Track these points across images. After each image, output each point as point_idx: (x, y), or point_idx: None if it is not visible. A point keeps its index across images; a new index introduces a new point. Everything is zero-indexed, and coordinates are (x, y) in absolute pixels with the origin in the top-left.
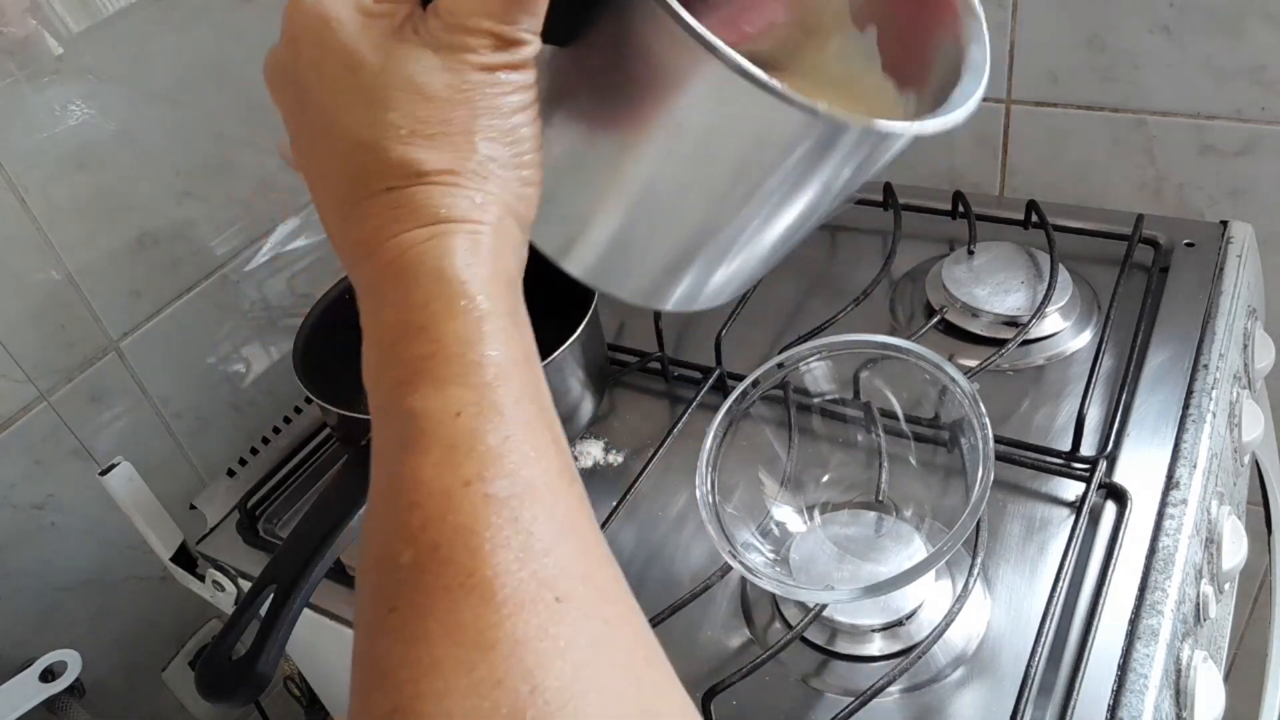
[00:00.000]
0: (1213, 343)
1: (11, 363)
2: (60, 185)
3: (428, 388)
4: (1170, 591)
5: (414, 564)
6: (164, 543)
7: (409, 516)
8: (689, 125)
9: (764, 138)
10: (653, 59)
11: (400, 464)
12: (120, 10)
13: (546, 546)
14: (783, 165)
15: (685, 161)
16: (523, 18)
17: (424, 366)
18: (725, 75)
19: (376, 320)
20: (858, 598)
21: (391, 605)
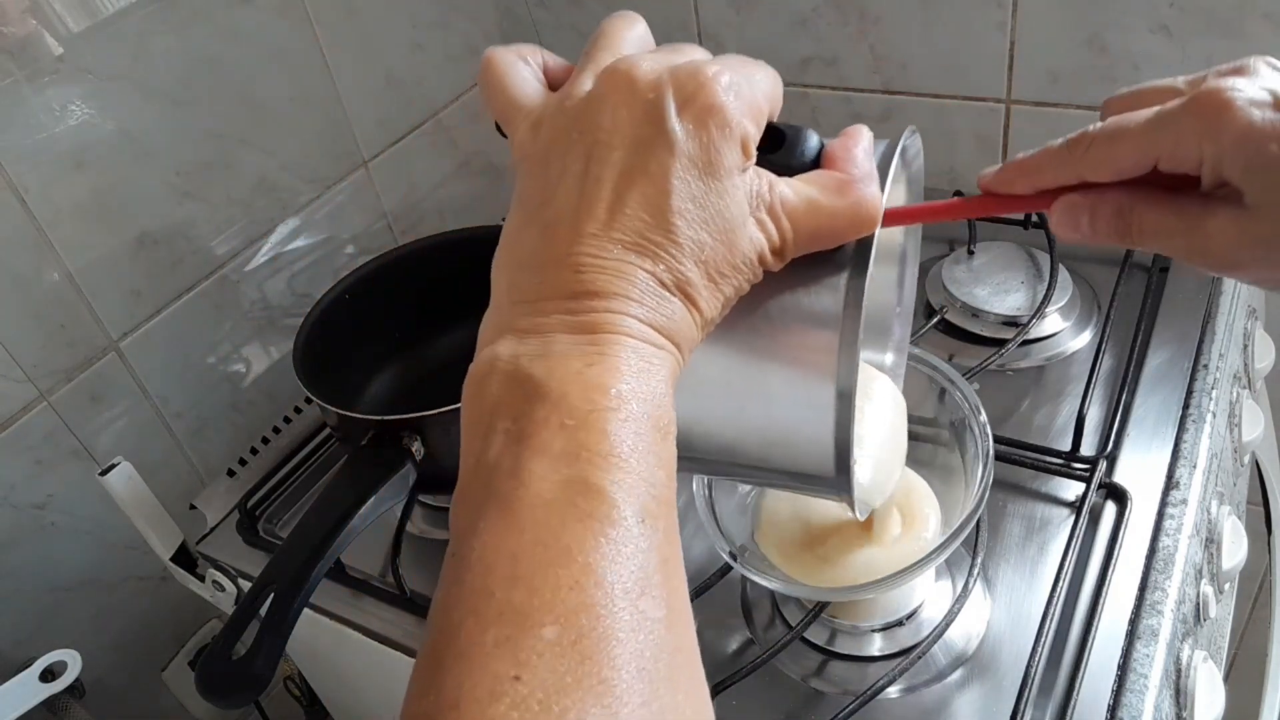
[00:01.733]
0: (1213, 343)
1: (11, 363)
2: (60, 185)
3: (615, 472)
4: (1170, 591)
5: (555, 643)
6: (164, 543)
7: (569, 593)
8: (770, 397)
9: (799, 461)
10: (803, 340)
11: (574, 533)
12: (120, 10)
13: (669, 684)
14: (779, 467)
15: (737, 397)
16: (804, 249)
17: (617, 449)
18: (828, 416)
19: (569, 375)
20: (855, 597)
21: (517, 672)
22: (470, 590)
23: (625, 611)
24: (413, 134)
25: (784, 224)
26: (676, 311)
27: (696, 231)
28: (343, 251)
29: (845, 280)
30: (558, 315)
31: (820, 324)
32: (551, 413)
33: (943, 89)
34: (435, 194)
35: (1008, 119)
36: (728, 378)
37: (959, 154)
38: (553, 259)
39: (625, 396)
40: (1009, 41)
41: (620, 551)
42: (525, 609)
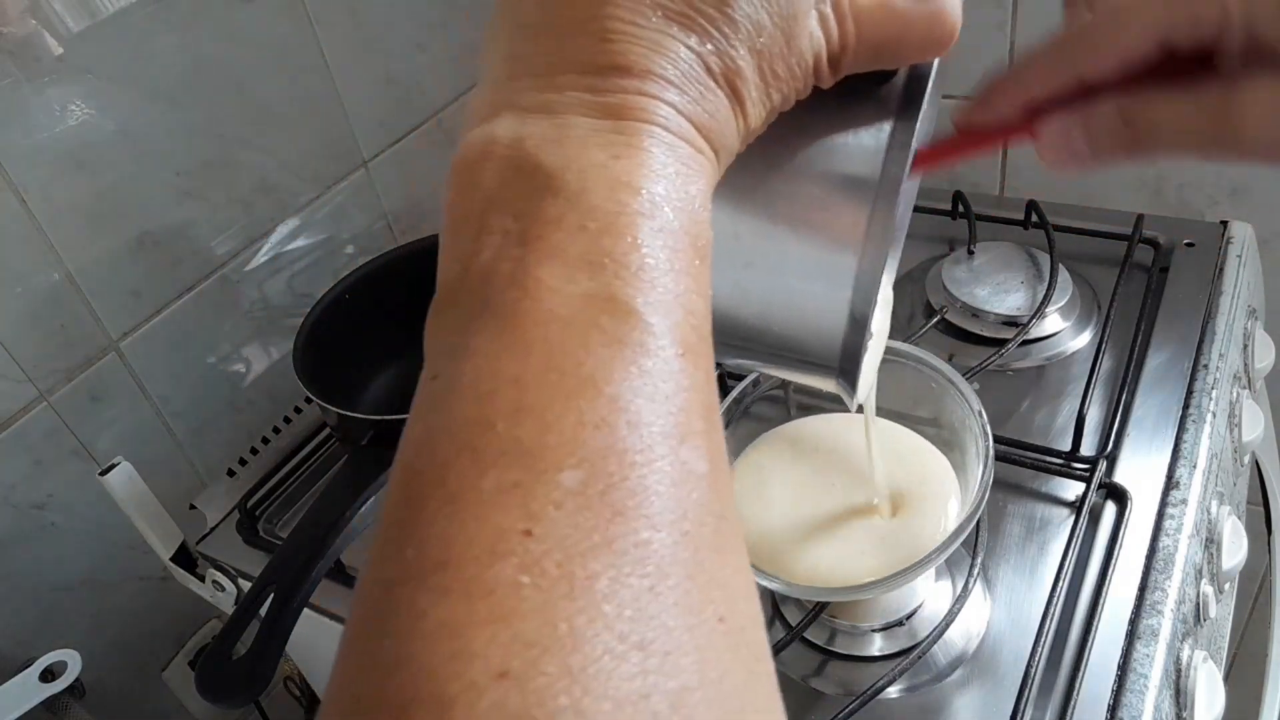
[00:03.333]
0: (1213, 343)
1: (11, 363)
2: (60, 185)
3: (651, 292)
4: (1170, 591)
5: (578, 493)
6: (164, 543)
7: (594, 432)
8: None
9: (804, 333)
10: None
11: (599, 359)
12: (120, 10)
13: (717, 555)
14: (780, 343)
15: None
16: (863, 64)
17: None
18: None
19: (601, 172)
20: (855, 597)
21: (528, 526)
22: (461, 421)
23: (665, 460)
24: (413, 134)
25: (849, 25)
26: (721, 108)
27: (756, 10)
28: (343, 251)
29: (892, 121)
30: (575, 93)
31: (856, 174)
32: (568, 210)
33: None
34: (435, 194)
35: None
36: (735, 226)
37: None
38: (572, 21)
39: (659, 202)
40: (1009, 41)
41: (658, 388)
42: (537, 448)
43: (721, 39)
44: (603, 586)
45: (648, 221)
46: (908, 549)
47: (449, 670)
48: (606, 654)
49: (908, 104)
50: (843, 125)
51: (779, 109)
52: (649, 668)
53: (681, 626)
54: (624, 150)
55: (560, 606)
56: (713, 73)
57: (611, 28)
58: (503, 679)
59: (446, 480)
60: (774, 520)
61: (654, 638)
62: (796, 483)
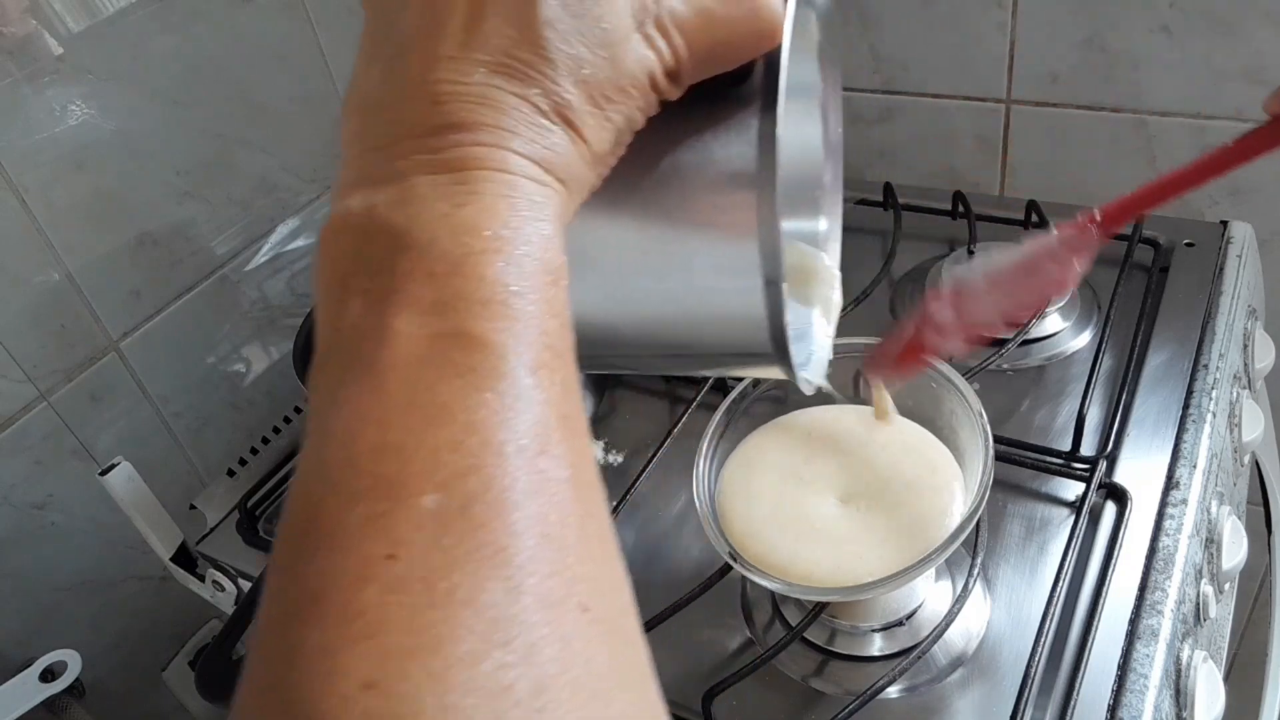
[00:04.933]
0: (1213, 343)
1: (11, 363)
2: (60, 185)
3: (499, 320)
4: (1170, 591)
5: (438, 513)
6: (164, 543)
7: (450, 455)
8: (685, 263)
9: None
10: (718, 182)
11: (452, 389)
12: (120, 10)
13: (579, 552)
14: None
15: (654, 273)
16: (701, 71)
17: (499, 296)
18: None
19: (431, 213)
20: (855, 597)
21: (392, 551)
22: (331, 465)
23: (521, 471)
24: None
25: (675, 39)
26: (559, 141)
27: (572, 46)
28: None
29: (757, 115)
30: (417, 157)
31: (734, 170)
32: (417, 262)
33: (943, 89)
34: None
35: (1008, 119)
36: (642, 245)
37: (959, 154)
38: (406, 91)
39: (505, 238)
40: (1009, 41)
41: (510, 407)
42: (399, 478)
43: (544, 79)
44: (463, 594)
45: (493, 258)
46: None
47: (323, 689)
48: (469, 654)
49: (766, 92)
50: (713, 127)
51: (629, 128)
52: (509, 661)
53: (542, 620)
54: (466, 198)
55: (423, 616)
56: (543, 111)
57: (440, 90)
58: (370, 689)
59: (319, 520)
60: (769, 517)
61: (516, 633)
62: (789, 476)
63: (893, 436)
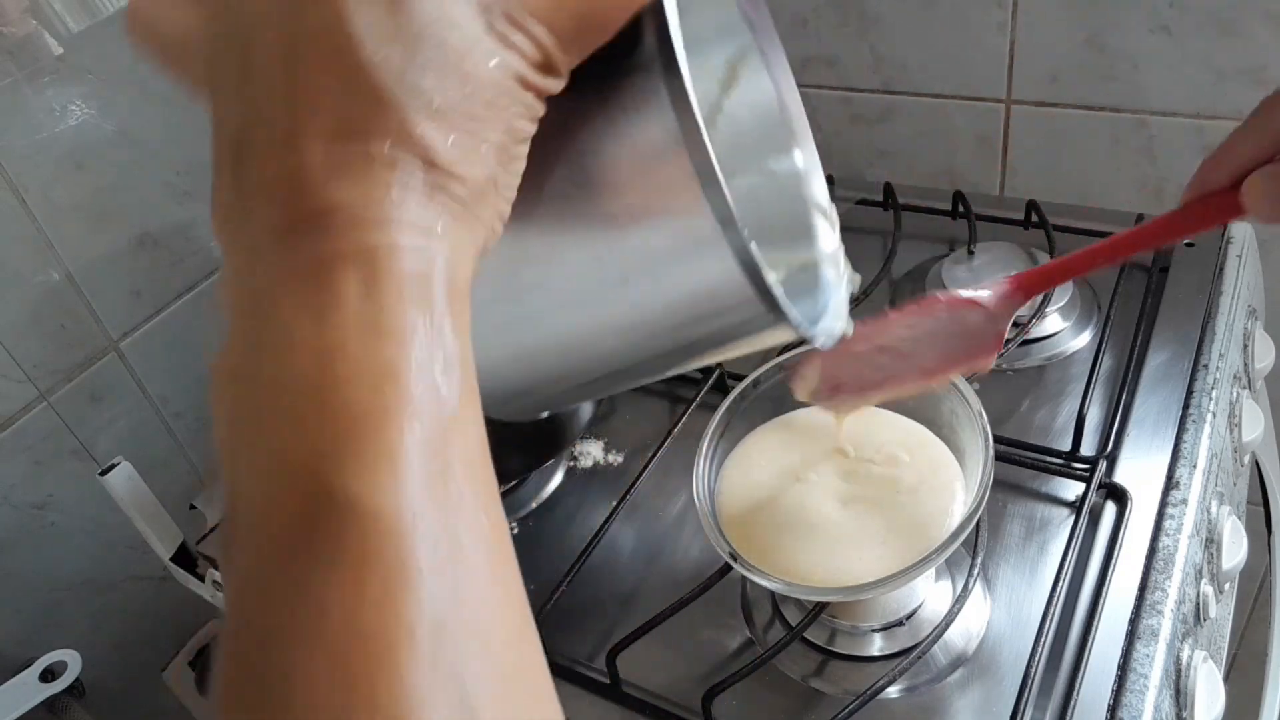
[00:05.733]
0: (1213, 343)
1: (11, 363)
2: (60, 185)
3: (368, 468)
4: (1170, 591)
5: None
6: (164, 543)
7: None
8: (648, 252)
9: (715, 305)
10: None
11: (325, 580)
12: (120, 10)
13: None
14: (709, 328)
15: (616, 281)
16: (576, 52)
17: (369, 427)
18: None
19: (298, 317)
20: (855, 597)
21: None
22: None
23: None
24: None
25: (533, 28)
26: (430, 191)
27: (412, 77)
28: None
29: (660, 75)
30: (280, 263)
31: (657, 142)
32: (292, 411)
33: (943, 89)
34: None
35: (1008, 119)
36: (593, 256)
37: (959, 154)
38: (253, 193)
39: (376, 348)
40: (1009, 41)
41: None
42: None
43: (389, 128)
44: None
45: (350, 387)
46: (908, 548)
47: None
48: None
49: (662, 47)
50: (619, 105)
51: (514, 141)
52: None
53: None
54: (328, 312)
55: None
56: (399, 164)
57: (279, 181)
58: None
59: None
60: (769, 517)
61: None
62: (789, 476)
63: (893, 436)
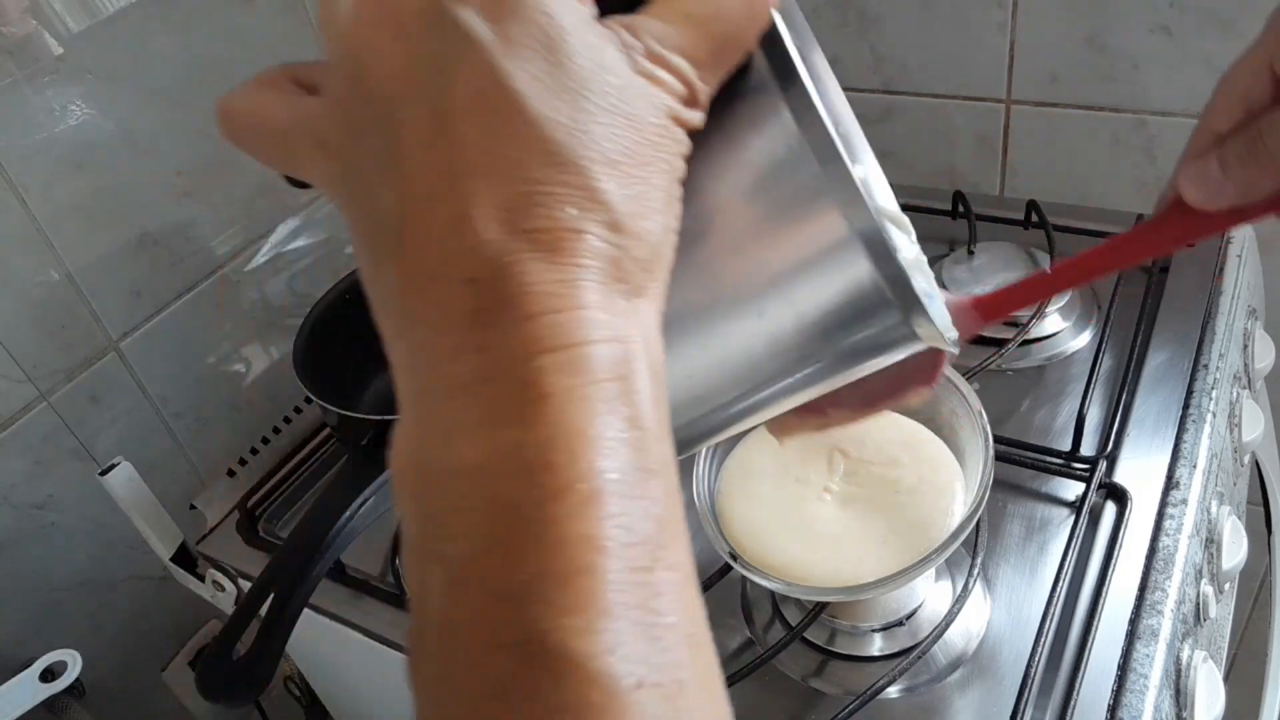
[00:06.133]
0: (1213, 343)
1: (11, 363)
2: (60, 185)
3: (583, 613)
4: (1170, 591)
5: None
6: (164, 543)
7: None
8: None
9: (857, 316)
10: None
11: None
12: (120, 10)
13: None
14: (851, 342)
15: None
16: (714, 80)
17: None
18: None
19: (494, 435)
20: (855, 597)
21: None
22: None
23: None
24: None
25: (676, 62)
26: (619, 255)
27: (583, 129)
28: (343, 251)
29: (781, 97)
30: (468, 357)
31: (792, 171)
32: (488, 524)
33: (943, 89)
34: None
35: (1008, 119)
36: (734, 286)
37: (959, 154)
38: (424, 280)
39: (583, 466)
40: (1009, 41)
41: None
42: None
43: (572, 189)
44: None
45: (575, 505)
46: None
47: None
48: None
49: (783, 72)
50: (746, 133)
51: (674, 179)
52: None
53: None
54: (534, 412)
55: None
56: (587, 231)
57: (462, 265)
58: None
59: None
60: (769, 518)
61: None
62: (789, 476)
63: (893, 436)
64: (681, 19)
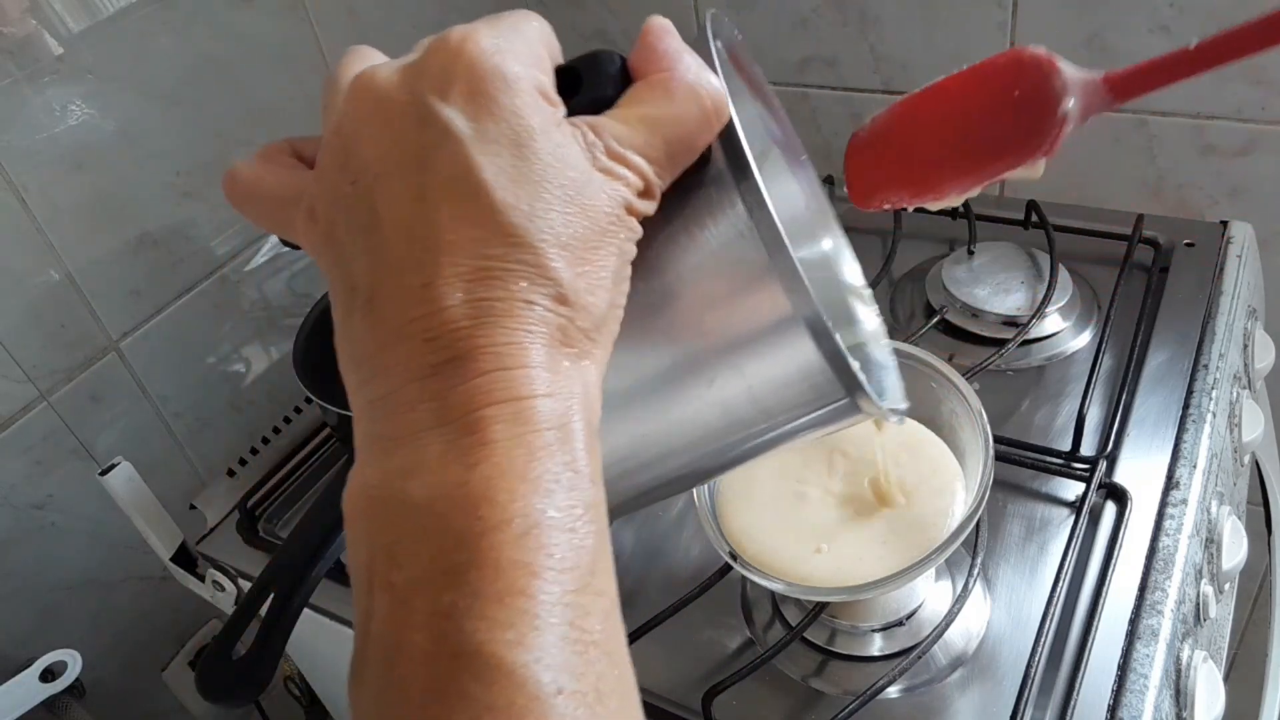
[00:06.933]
0: (1213, 343)
1: (11, 363)
2: (60, 185)
3: (514, 627)
4: (1170, 591)
5: None
6: (164, 543)
7: None
8: (745, 367)
9: (802, 395)
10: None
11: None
12: (120, 10)
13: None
14: (795, 418)
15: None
16: (670, 176)
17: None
18: (809, 348)
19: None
20: (855, 597)
21: None
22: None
23: None
24: None
25: (633, 159)
26: (564, 324)
27: (541, 217)
28: None
29: (735, 191)
30: (423, 406)
31: (740, 253)
32: (434, 551)
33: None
34: None
35: None
36: (680, 364)
37: None
38: (390, 337)
39: (520, 502)
40: (1009, 41)
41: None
42: None
43: (526, 267)
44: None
45: (509, 534)
46: (908, 548)
47: None
48: None
49: (736, 165)
50: (699, 221)
51: (624, 264)
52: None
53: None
54: (479, 453)
55: None
56: (535, 302)
57: (424, 326)
58: None
59: None
60: (769, 518)
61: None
62: (789, 476)
63: (893, 436)
64: (640, 121)
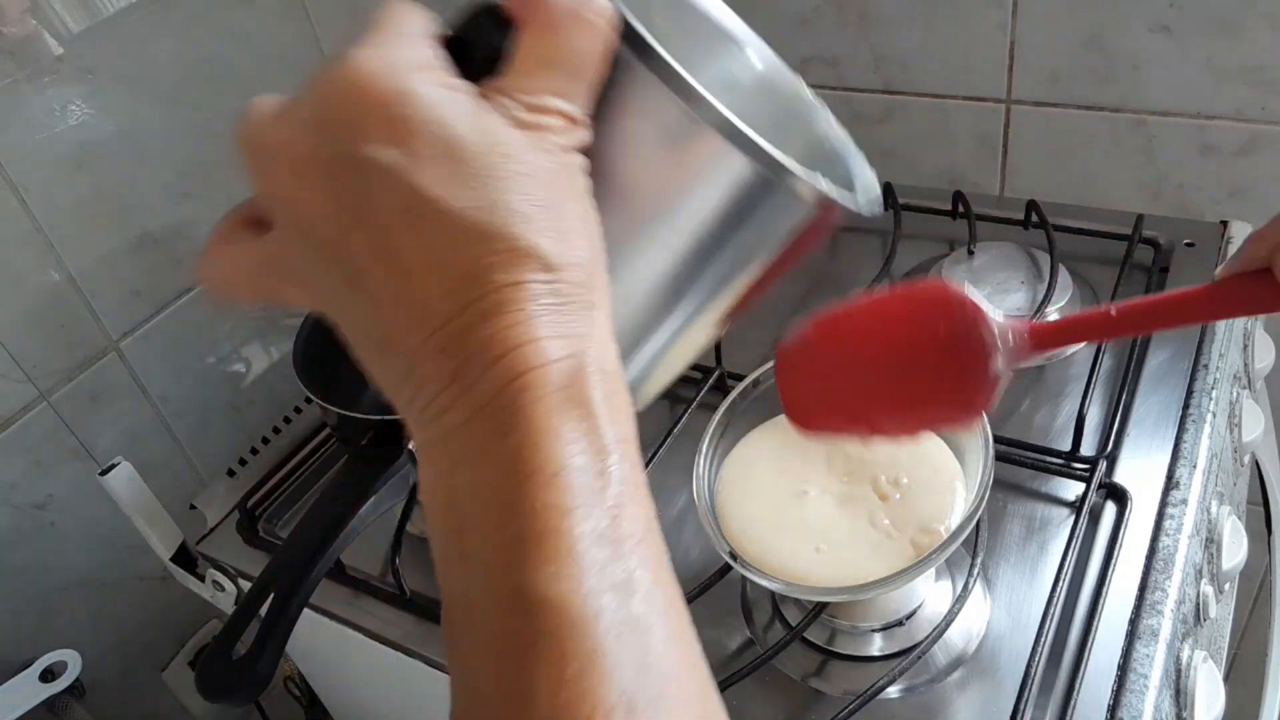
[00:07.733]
0: (1212, 343)
1: (11, 363)
2: (60, 185)
3: (555, 562)
4: (1170, 591)
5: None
6: (164, 543)
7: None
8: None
9: (750, 202)
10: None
11: (532, 670)
12: (120, 10)
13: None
14: (762, 231)
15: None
16: (586, 99)
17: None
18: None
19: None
20: (855, 597)
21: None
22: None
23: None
24: None
25: (549, 103)
26: (554, 291)
27: (498, 201)
28: None
29: (638, 62)
30: (456, 406)
31: (659, 106)
32: (484, 522)
33: (943, 89)
34: None
35: (1008, 119)
36: (643, 227)
37: (959, 154)
38: (411, 362)
39: (547, 455)
40: (1009, 41)
41: (588, 668)
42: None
43: (504, 253)
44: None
45: (544, 480)
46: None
47: None
48: None
49: (632, 42)
50: (625, 107)
51: (585, 199)
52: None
53: None
54: (510, 424)
55: None
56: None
57: (435, 343)
58: None
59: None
60: (769, 517)
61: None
62: (789, 475)
63: None
64: (539, 65)
